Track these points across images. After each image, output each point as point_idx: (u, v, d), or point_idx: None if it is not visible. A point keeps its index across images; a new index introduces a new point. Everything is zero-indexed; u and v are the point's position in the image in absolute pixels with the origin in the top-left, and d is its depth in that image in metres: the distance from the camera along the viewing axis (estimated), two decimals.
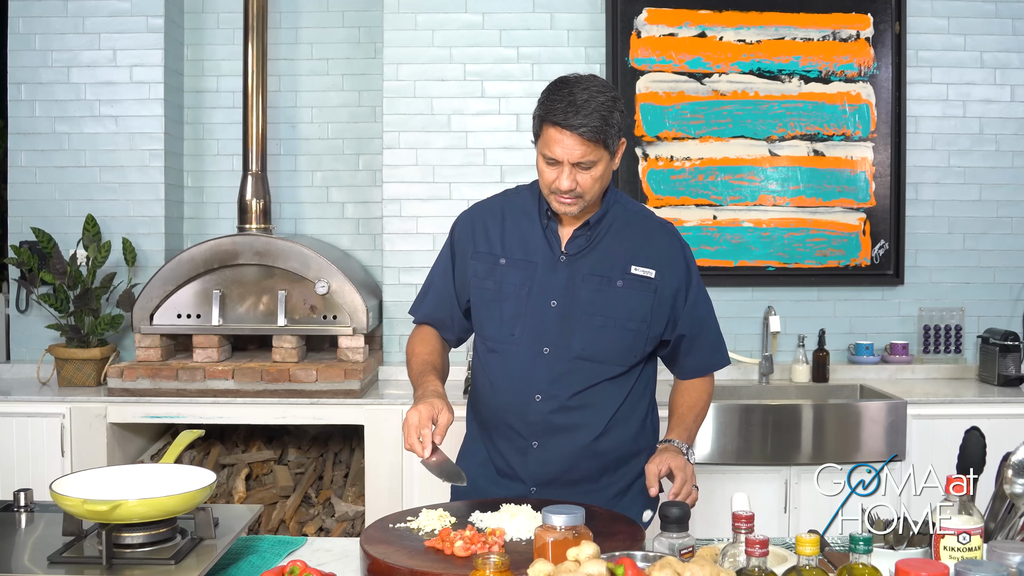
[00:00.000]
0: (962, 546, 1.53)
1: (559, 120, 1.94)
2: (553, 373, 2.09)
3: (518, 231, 2.14)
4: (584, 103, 1.94)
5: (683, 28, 3.94)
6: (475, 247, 2.16)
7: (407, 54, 3.93)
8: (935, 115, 3.99)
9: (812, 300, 4.02)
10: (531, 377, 2.09)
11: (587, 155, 1.96)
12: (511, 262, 2.12)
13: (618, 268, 2.10)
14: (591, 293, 2.08)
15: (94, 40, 3.89)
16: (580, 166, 1.98)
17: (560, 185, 1.99)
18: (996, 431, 1.98)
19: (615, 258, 2.10)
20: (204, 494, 1.70)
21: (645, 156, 3.95)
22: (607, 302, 2.08)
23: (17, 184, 3.93)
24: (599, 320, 2.08)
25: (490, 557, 1.38)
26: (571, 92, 1.96)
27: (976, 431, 1.79)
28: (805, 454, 3.41)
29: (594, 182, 2.01)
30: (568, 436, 2.11)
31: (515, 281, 2.11)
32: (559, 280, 2.09)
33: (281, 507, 3.50)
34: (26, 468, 3.42)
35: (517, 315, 2.10)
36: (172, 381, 3.53)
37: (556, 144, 1.96)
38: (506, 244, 2.14)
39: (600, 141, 1.96)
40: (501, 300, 2.12)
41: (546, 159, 2.00)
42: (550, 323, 2.09)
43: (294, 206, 4.13)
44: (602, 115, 1.95)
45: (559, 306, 2.09)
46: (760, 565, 1.42)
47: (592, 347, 2.09)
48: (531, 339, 2.09)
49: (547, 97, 1.99)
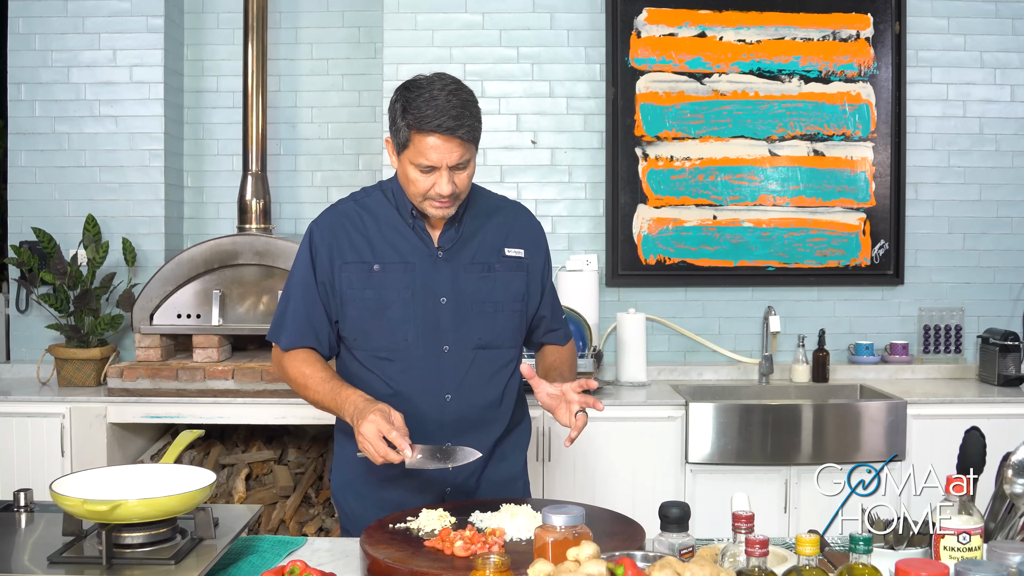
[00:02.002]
0: (962, 546, 1.52)
1: (435, 126, 1.89)
2: (458, 369, 2.06)
3: (384, 235, 2.08)
4: (449, 104, 1.90)
5: (683, 28, 3.94)
6: (342, 258, 2.06)
7: (407, 54, 3.93)
8: (935, 115, 3.99)
9: (812, 300, 4.02)
10: (437, 378, 2.06)
11: (464, 155, 1.95)
12: (386, 267, 2.06)
13: (493, 253, 2.11)
14: (476, 282, 2.08)
15: (94, 40, 3.89)
16: (458, 168, 1.96)
17: (440, 191, 1.95)
18: (996, 431, 1.97)
19: (488, 244, 2.11)
20: (204, 494, 1.70)
21: (645, 156, 3.95)
22: (492, 288, 2.09)
23: (17, 184, 3.93)
24: (490, 307, 2.09)
25: (490, 557, 1.38)
26: (432, 95, 1.91)
27: (976, 431, 1.79)
28: (805, 454, 3.41)
29: (469, 179, 2.01)
30: (484, 430, 2.10)
31: (396, 285, 2.05)
32: (443, 276, 2.07)
33: (281, 507, 3.50)
34: (26, 468, 3.42)
35: (406, 318, 2.05)
36: (172, 381, 3.53)
37: (432, 150, 1.92)
38: (376, 250, 2.07)
39: (474, 140, 1.96)
40: (386, 307, 2.05)
41: (420, 167, 1.95)
42: (444, 320, 2.06)
43: (294, 206, 4.13)
44: (471, 112, 1.94)
45: (449, 301, 2.06)
46: (760, 565, 1.42)
47: (489, 335, 2.09)
48: (428, 339, 2.05)
49: (411, 104, 1.92)
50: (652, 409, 3.45)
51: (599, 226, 3.98)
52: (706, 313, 4.02)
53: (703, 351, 4.01)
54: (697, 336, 3.99)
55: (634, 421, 3.42)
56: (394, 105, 1.98)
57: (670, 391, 3.64)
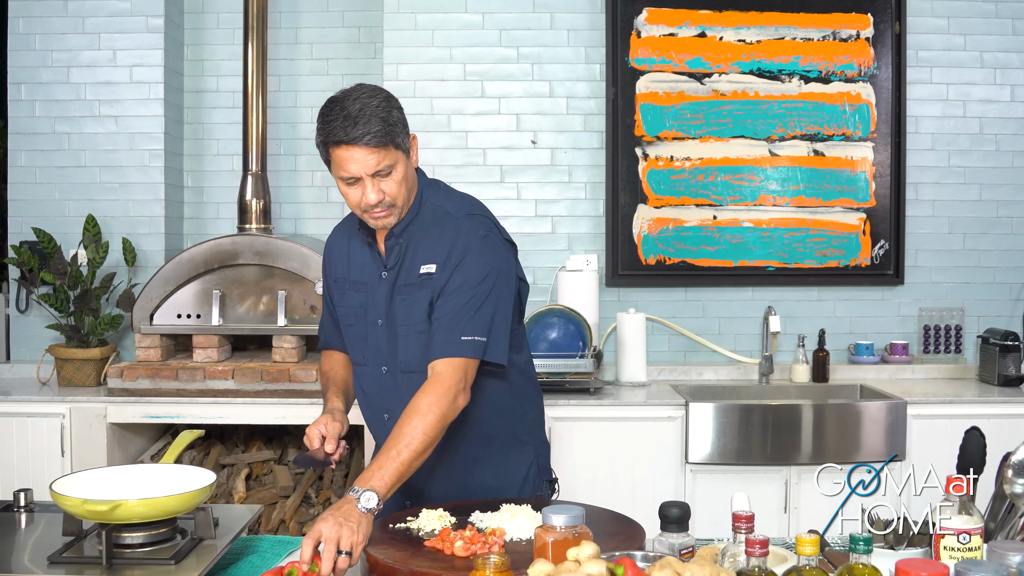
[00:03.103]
0: (962, 546, 1.52)
1: (342, 137, 1.90)
2: (393, 391, 2.07)
3: (356, 253, 2.13)
4: (359, 113, 1.90)
5: (683, 28, 3.94)
6: (334, 275, 2.17)
7: (407, 54, 3.93)
8: (935, 115, 3.99)
9: (812, 300, 4.02)
10: (380, 397, 2.10)
11: (382, 162, 1.93)
12: (352, 285, 2.12)
13: (415, 272, 2.03)
14: (400, 304, 2.04)
15: (94, 40, 3.89)
16: (379, 175, 1.94)
17: (368, 200, 1.95)
18: (996, 431, 1.98)
19: (416, 263, 2.04)
20: (204, 494, 1.70)
21: (645, 156, 3.95)
22: (408, 310, 2.03)
23: (17, 184, 3.93)
24: (404, 331, 2.04)
25: (490, 557, 1.39)
26: (343, 108, 1.92)
27: (976, 431, 1.79)
28: (805, 454, 3.41)
29: (399, 186, 1.97)
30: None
31: (354, 304, 2.11)
32: (382, 297, 2.07)
33: (281, 507, 3.50)
34: (26, 468, 3.42)
35: (363, 337, 2.11)
36: (172, 381, 3.53)
37: (348, 162, 1.92)
38: (351, 267, 2.13)
39: (389, 143, 1.93)
40: (350, 325, 2.13)
41: (345, 181, 1.95)
42: (381, 342, 2.08)
43: (294, 206, 4.13)
44: (380, 117, 1.92)
45: (384, 323, 2.07)
46: (760, 565, 1.42)
47: (407, 359, 2.04)
48: (374, 359, 2.10)
49: (323, 121, 1.94)
50: (652, 409, 3.44)
51: (599, 226, 3.98)
52: (706, 313, 4.02)
53: (703, 351, 4.01)
54: (697, 336, 3.99)
55: (634, 421, 3.42)
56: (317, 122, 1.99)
57: (670, 391, 3.64)
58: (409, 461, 1.82)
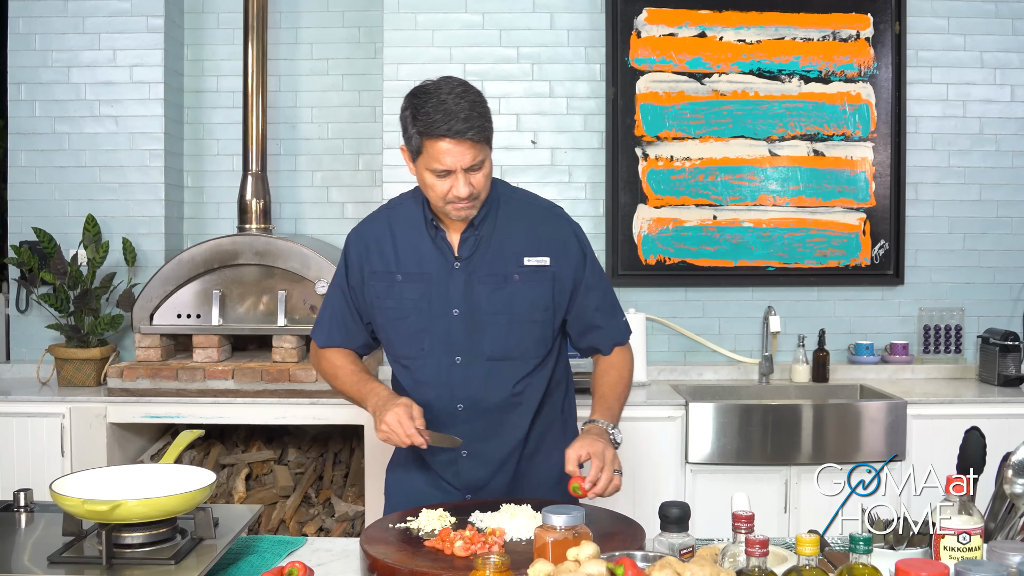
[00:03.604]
0: (962, 546, 1.52)
1: (444, 131, 1.91)
2: (469, 381, 2.09)
3: (409, 244, 2.12)
4: (458, 107, 1.92)
5: (683, 28, 3.94)
6: (370, 267, 2.14)
7: (407, 54, 3.93)
8: (935, 115, 3.99)
9: (812, 300, 4.02)
10: (449, 388, 2.10)
11: (477, 156, 1.96)
12: (407, 277, 2.11)
13: (512, 263, 2.08)
14: (490, 294, 2.08)
15: (94, 40, 3.89)
16: (472, 169, 1.97)
17: (459, 193, 1.97)
18: (996, 431, 1.98)
19: (508, 253, 2.09)
20: (204, 494, 1.70)
21: (645, 156, 3.95)
22: (507, 299, 2.08)
23: (17, 184, 3.93)
24: (503, 319, 2.08)
25: (490, 557, 1.39)
26: (440, 100, 1.93)
27: (976, 431, 1.79)
28: (805, 454, 3.41)
29: (486, 180, 2.02)
30: (497, 440, 2.11)
31: (413, 296, 2.10)
32: (456, 287, 2.08)
33: (281, 507, 3.50)
34: (26, 468, 3.42)
35: (423, 329, 2.10)
36: (172, 381, 3.53)
37: (446, 155, 1.94)
38: (400, 259, 2.12)
39: (487, 140, 1.97)
40: (404, 317, 2.11)
41: (436, 173, 1.97)
42: (456, 331, 2.09)
43: (294, 206, 4.13)
44: (480, 112, 1.94)
45: (461, 313, 2.08)
46: (760, 565, 1.42)
47: (502, 347, 2.09)
48: (441, 351, 2.09)
49: (418, 112, 1.94)
50: (652, 409, 3.45)
51: (599, 226, 3.98)
52: (706, 313, 4.02)
53: (703, 351, 4.01)
54: (697, 336, 3.99)
55: (634, 421, 3.42)
56: (404, 113, 1.99)
57: (670, 391, 3.64)
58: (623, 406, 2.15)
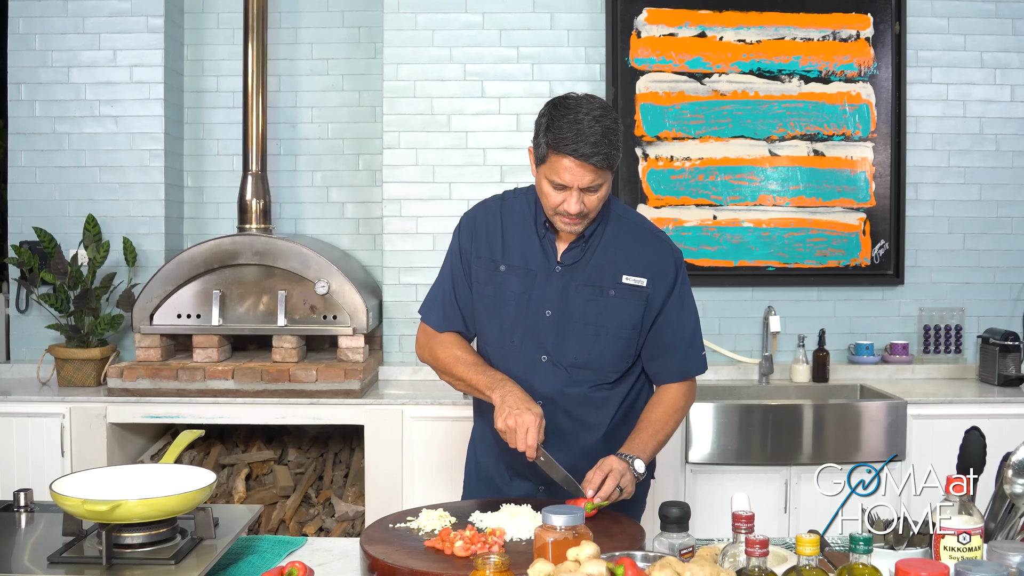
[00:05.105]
0: (962, 546, 1.52)
1: (571, 150, 1.93)
2: (551, 379, 2.13)
3: (517, 238, 2.15)
4: (591, 130, 1.93)
5: (683, 28, 3.94)
6: (477, 251, 2.17)
7: (407, 54, 3.93)
8: (935, 115, 3.99)
9: (812, 300, 4.02)
10: (531, 383, 2.12)
11: (596, 180, 1.98)
12: (511, 269, 2.14)
13: (610, 278, 2.12)
14: (583, 303, 2.11)
15: (94, 40, 3.89)
16: (589, 190, 1.99)
17: (569, 209, 2.00)
18: (996, 431, 1.98)
19: (607, 268, 2.12)
20: (204, 494, 1.70)
21: (645, 156, 3.95)
22: (599, 312, 2.11)
23: (17, 184, 3.93)
24: (591, 330, 2.11)
25: (490, 557, 1.39)
26: (576, 119, 1.94)
27: (976, 431, 1.79)
28: (805, 454, 3.41)
29: (600, 202, 2.03)
30: (571, 438, 2.15)
31: (515, 289, 2.13)
32: (554, 290, 2.12)
33: (281, 507, 3.50)
34: (26, 468, 3.42)
35: (516, 322, 2.13)
36: (172, 381, 3.53)
37: (566, 172, 1.96)
38: (506, 250, 2.15)
39: (610, 167, 1.98)
40: (501, 307, 2.14)
41: (553, 184, 1.99)
42: (546, 332, 2.12)
43: (294, 206, 4.13)
44: (610, 140, 1.95)
45: (553, 315, 2.11)
46: (760, 565, 1.42)
47: (585, 356, 2.12)
48: (530, 346, 2.13)
49: (553, 124, 1.96)
50: None
51: None
52: (706, 313, 4.00)
53: None
54: None
55: None
56: (540, 119, 2.01)
57: None
58: (662, 441, 2.15)
